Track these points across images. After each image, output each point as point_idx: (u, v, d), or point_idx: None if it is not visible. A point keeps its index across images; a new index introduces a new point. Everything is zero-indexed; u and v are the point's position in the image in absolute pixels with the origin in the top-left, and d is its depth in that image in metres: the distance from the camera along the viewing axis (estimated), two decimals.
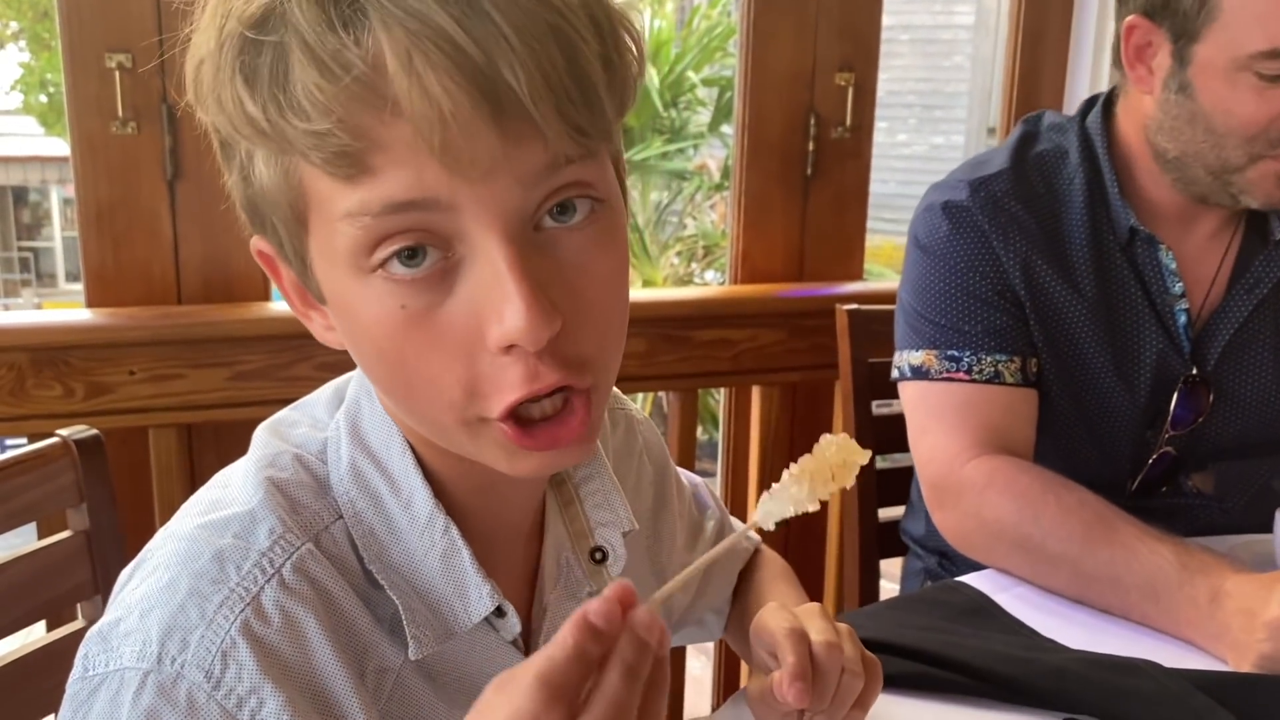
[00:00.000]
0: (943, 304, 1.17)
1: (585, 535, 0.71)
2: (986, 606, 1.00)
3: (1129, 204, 1.16)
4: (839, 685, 0.68)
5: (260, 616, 0.55)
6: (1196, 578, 0.94)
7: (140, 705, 0.53)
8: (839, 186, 1.85)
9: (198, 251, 1.56)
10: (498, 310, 0.51)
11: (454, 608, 0.61)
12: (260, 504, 0.59)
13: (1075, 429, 1.18)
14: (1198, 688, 0.83)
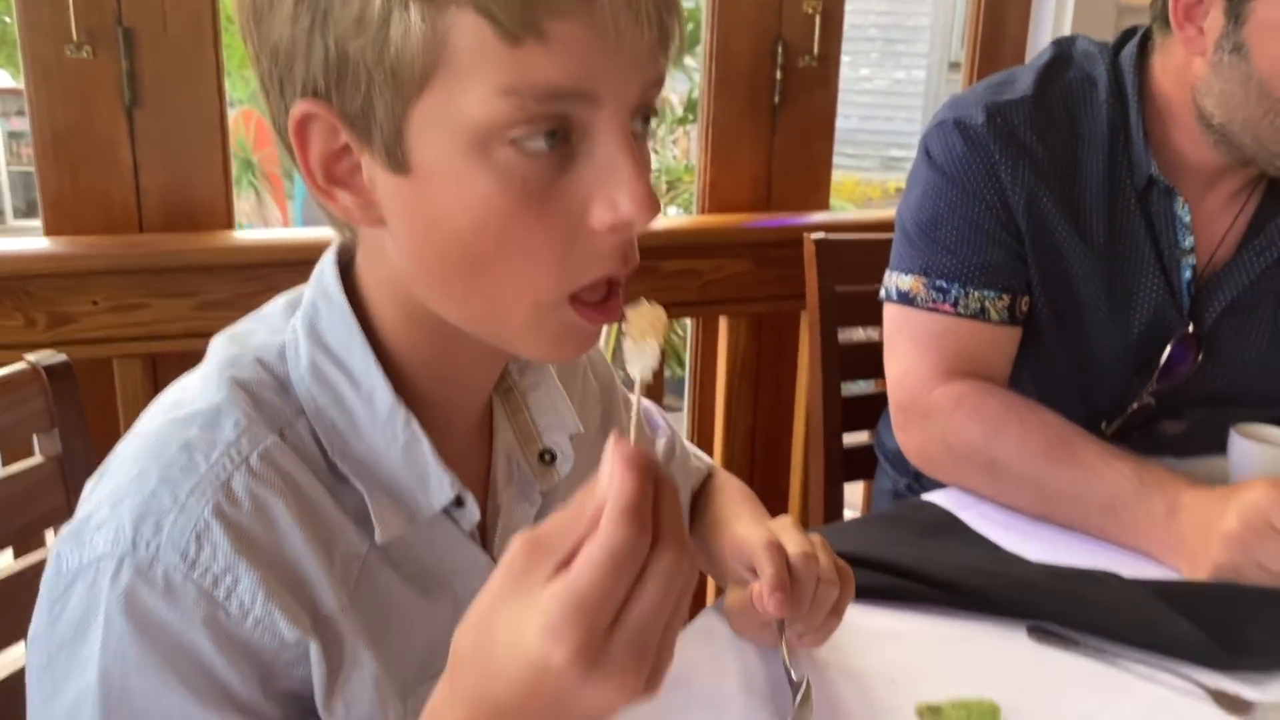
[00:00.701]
0: (941, 228, 1.16)
1: (533, 440, 0.74)
2: (951, 523, 1.03)
3: (1152, 152, 1.13)
4: (815, 594, 0.70)
5: (231, 500, 0.56)
6: (1154, 493, 0.97)
7: (118, 587, 0.54)
8: (806, 116, 1.85)
9: (159, 179, 1.53)
10: (612, 195, 0.55)
11: (416, 497, 0.63)
12: (225, 400, 0.60)
13: (1060, 370, 1.19)
14: (1155, 596, 0.87)
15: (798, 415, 1.87)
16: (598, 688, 0.44)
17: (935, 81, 8.45)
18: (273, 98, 0.59)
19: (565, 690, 0.44)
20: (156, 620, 0.54)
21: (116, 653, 0.54)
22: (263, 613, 0.55)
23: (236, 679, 0.55)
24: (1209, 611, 0.84)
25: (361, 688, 0.59)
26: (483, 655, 0.47)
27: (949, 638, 0.85)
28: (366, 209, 0.59)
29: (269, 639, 0.56)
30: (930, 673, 0.79)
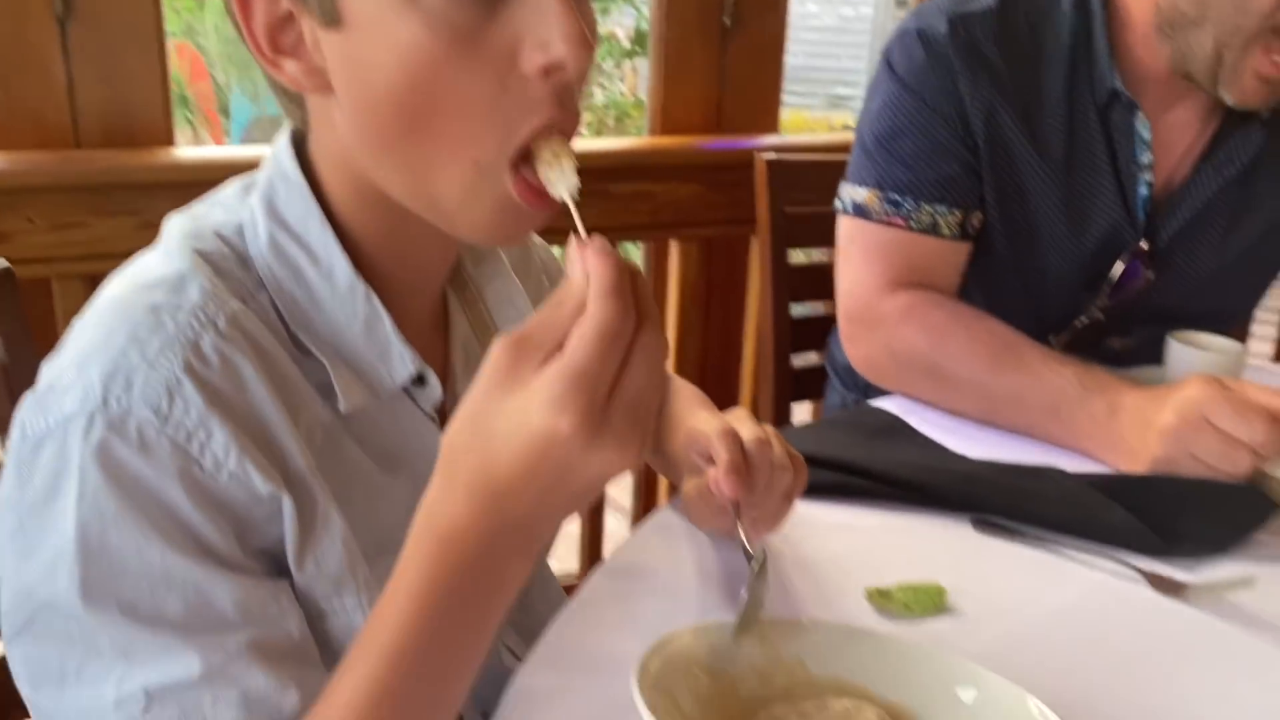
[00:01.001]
0: (897, 140, 1.16)
1: (489, 332, 0.74)
2: (898, 426, 1.05)
3: (1116, 65, 1.14)
4: (770, 478, 0.71)
5: (200, 359, 0.56)
6: (1095, 395, 0.99)
7: (91, 442, 0.53)
8: (757, 39, 1.84)
9: (95, 95, 1.49)
10: (542, 35, 0.54)
11: (378, 371, 0.64)
12: (188, 268, 0.59)
13: (1012, 284, 1.21)
14: (1093, 488, 0.90)
15: (748, 337, 1.89)
16: (600, 454, 0.47)
17: (883, 18, 8.42)
18: None
19: (570, 459, 0.47)
20: (131, 473, 0.54)
21: (93, 506, 0.53)
22: (236, 467, 0.56)
23: (214, 533, 0.55)
24: (1145, 501, 0.87)
25: (331, 547, 0.60)
26: (480, 444, 0.49)
27: (897, 529, 0.87)
28: (311, 75, 0.59)
29: (243, 494, 0.56)
30: (879, 560, 0.81)
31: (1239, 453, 0.89)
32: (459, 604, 0.51)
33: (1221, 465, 0.90)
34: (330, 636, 0.60)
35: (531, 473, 0.47)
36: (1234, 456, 0.89)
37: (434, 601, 0.51)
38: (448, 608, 0.51)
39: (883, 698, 0.60)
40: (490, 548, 0.50)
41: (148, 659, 0.53)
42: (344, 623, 0.60)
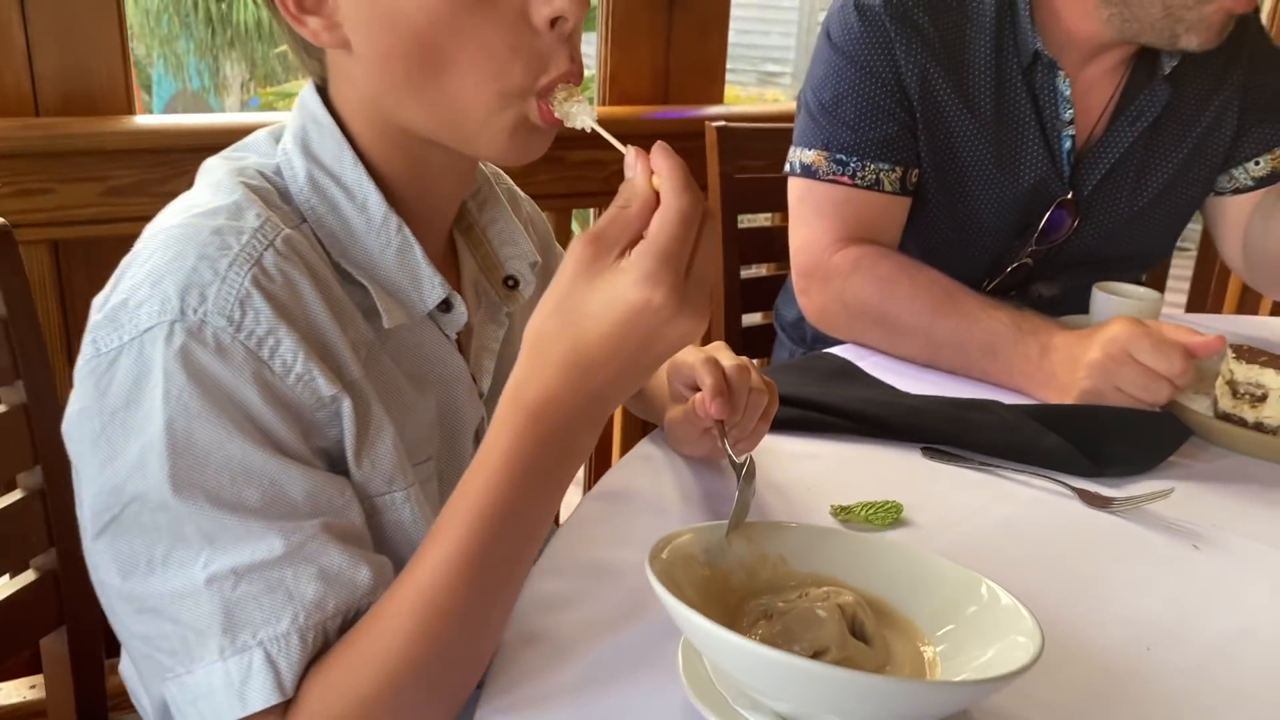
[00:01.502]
0: (840, 104, 1.24)
1: (496, 267, 0.81)
2: (850, 370, 1.13)
3: (1037, 29, 1.22)
4: (749, 400, 0.79)
5: (265, 274, 0.62)
6: (1028, 337, 1.09)
7: (173, 347, 0.59)
8: (702, 13, 1.91)
9: (54, 63, 1.50)
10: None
11: (411, 296, 0.70)
12: (242, 197, 0.65)
13: (946, 234, 1.30)
14: (1029, 416, 0.99)
15: None
16: (683, 320, 0.55)
17: None
18: None
19: (659, 325, 0.55)
20: (211, 375, 0.59)
21: (179, 404, 0.58)
22: (303, 369, 0.61)
23: (284, 430, 0.61)
24: (1076, 428, 0.97)
25: (384, 448, 0.66)
26: (570, 325, 0.56)
27: (855, 457, 0.96)
28: (332, 30, 0.65)
29: (308, 395, 0.62)
30: (841, 483, 0.89)
31: (1159, 384, 0.99)
32: (542, 470, 0.58)
33: (1143, 396, 1.00)
34: (382, 530, 0.66)
35: (622, 341, 0.55)
36: (1154, 387, 0.99)
37: (522, 469, 0.58)
38: (533, 474, 0.58)
39: (854, 586, 0.68)
40: (573, 419, 0.58)
41: (232, 542, 0.59)
42: (393, 518, 0.66)
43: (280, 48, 7.79)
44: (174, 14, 7.77)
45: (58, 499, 0.98)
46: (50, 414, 0.98)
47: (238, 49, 8.00)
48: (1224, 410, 1.03)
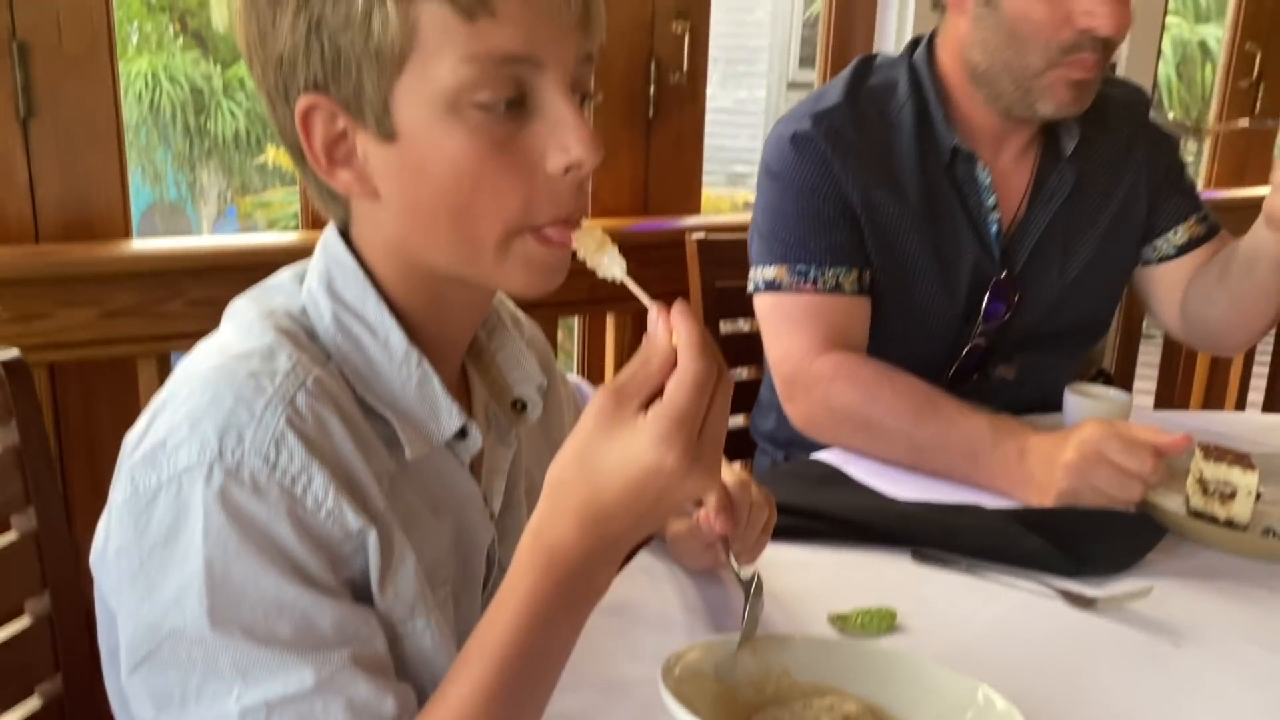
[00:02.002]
0: (790, 224, 1.33)
1: (505, 391, 0.85)
2: (838, 476, 1.17)
3: (953, 127, 1.34)
4: (750, 514, 0.83)
5: (298, 414, 0.65)
6: (1006, 440, 1.14)
7: (213, 487, 0.62)
8: (678, 128, 1.99)
9: (55, 190, 1.55)
10: (563, 141, 0.67)
11: (430, 427, 0.74)
12: (274, 340, 0.69)
13: (903, 326, 1.37)
14: (1011, 520, 1.03)
15: None
16: (694, 479, 0.58)
17: (775, 100, 8.83)
18: (279, 107, 0.70)
19: (672, 486, 0.58)
20: (248, 513, 0.62)
21: (218, 542, 0.61)
22: (333, 505, 0.64)
23: (315, 563, 0.64)
24: (1056, 530, 1.01)
25: (406, 577, 0.68)
26: (587, 476, 0.59)
27: (849, 564, 0.99)
28: (363, 182, 0.70)
29: (337, 529, 0.65)
30: (836, 590, 0.93)
31: (1131, 482, 1.04)
32: (561, 610, 0.61)
33: (1118, 494, 1.05)
34: (405, 657, 0.69)
35: (635, 499, 0.58)
36: (1128, 485, 1.04)
37: (542, 609, 0.61)
38: (552, 614, 0.61)
39: (857, 695, 0.71)
40: (589, 563, 0.61)
41: (264, 675, 0.61)
42: (414, 645, 0.69)
43: (259, 159, 7.92)
44: (153, 126, 7.91)
45: (65, 627, 1.00)
46: (60, 541, 1.01)
47: (215, 159, 8.13)
48: (1196, 508, 1.07)
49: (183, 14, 9.29)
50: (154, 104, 7.91)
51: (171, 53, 8.60)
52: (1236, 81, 2.69)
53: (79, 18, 1.52)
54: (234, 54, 9.01)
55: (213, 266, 1.59)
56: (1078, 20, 1.23)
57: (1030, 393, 1.41)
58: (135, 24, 8.45)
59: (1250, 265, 1.31)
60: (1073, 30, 1.24)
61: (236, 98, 8.14)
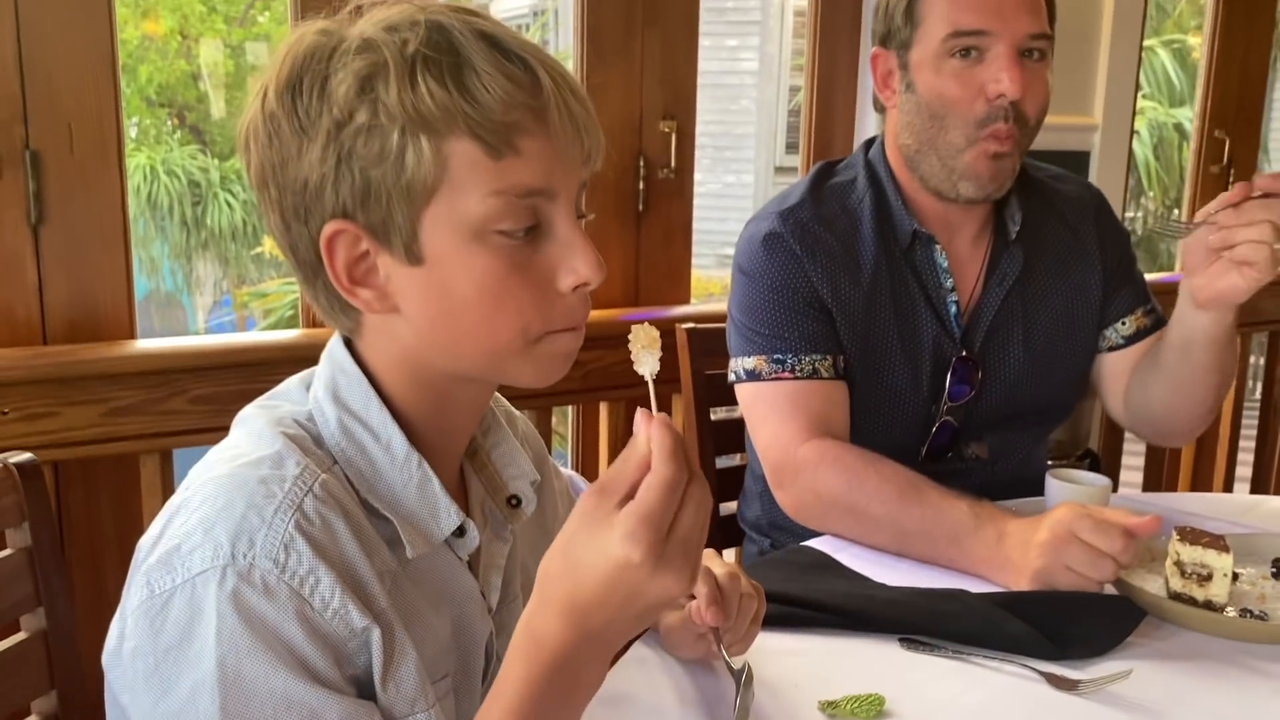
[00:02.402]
0: (765, 317, 1.38)
1: (500, 488, 0.89)
2: (826, 562, 1.20)
3: (910, 212, 1.41)
4: (740, 605, 0.86)
5: (306, 519, 0.69)
6: (986, 524, 1.17)
7: (225, 590, 0.65)
8: (666, 221, 2.06)
9: (63, 293, 1.60)
10: (572, 264, 0.74)
11: (430, 526, 0.78)
12: (283, 447, 0.73)
13: (876, 407, 1.41)
14: (995, 605, 1.06)
15: None
16: (662, 578, 0.61)
17: (762, 184, 9.00)
18: (294, 227, 0.75)
19: (640, 582, 0.61)
20: (259, 614, 0.65)
21: (230, 643, 0.64)
22: (339, 604, 0.68)
23: (321, 661, 0.67)
24: (1039, 614, 1.03)
25: (408, 672, 0.71)
26: (570, 569, 0.62)
27: (838, 650, 1.02)
28: (384, 300, 0.75)
29: (343, 628, 0.68)
30: (826, 677, 0.95)
31: (1103, 561, 1.07)
32: (553, 700, 0.64)
33: (1090, 573, 1.08)
34: None
35: (610, 593, 0.61)
36: (1099, 564, 1.07)
37: (534, 696, 0.64)
38: (545, 702, 0.64)
39: None
40: (575, 654, 0.64)
41: None
42: None
43: (255, 249, 8.02)
44: (150, 219, 8.02)
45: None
46: (68, 641, 1.03)
47: (212, 250, 8.23)
48: (1175, 590, 1.10)
49: (181, 109, 9.49)
50: (151, 197, 8.03)
51: (169, 146, 8.76)
52: (1208, 167, 2.79)
53: (90, 126, 1.58)
54: (231, 148, 9.18)
55: (214, 365, 1.63)
56: (988, 90, 1.31)
57: (1004, 471, 1.45)
58: (134, 120, 8.62)
59: (1185, 350, 1.35)
60: (985, 101, 1.32)
61: (233, 189, 8.27)
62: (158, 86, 9.02)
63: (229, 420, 1.64)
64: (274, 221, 0.76)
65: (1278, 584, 1.15)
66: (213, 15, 9.34)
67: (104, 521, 1.65)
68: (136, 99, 8.61)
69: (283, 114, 0.72)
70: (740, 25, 8.68)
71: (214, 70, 9.38)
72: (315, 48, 0.72)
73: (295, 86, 0.72)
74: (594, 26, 1.95)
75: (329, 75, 0.71)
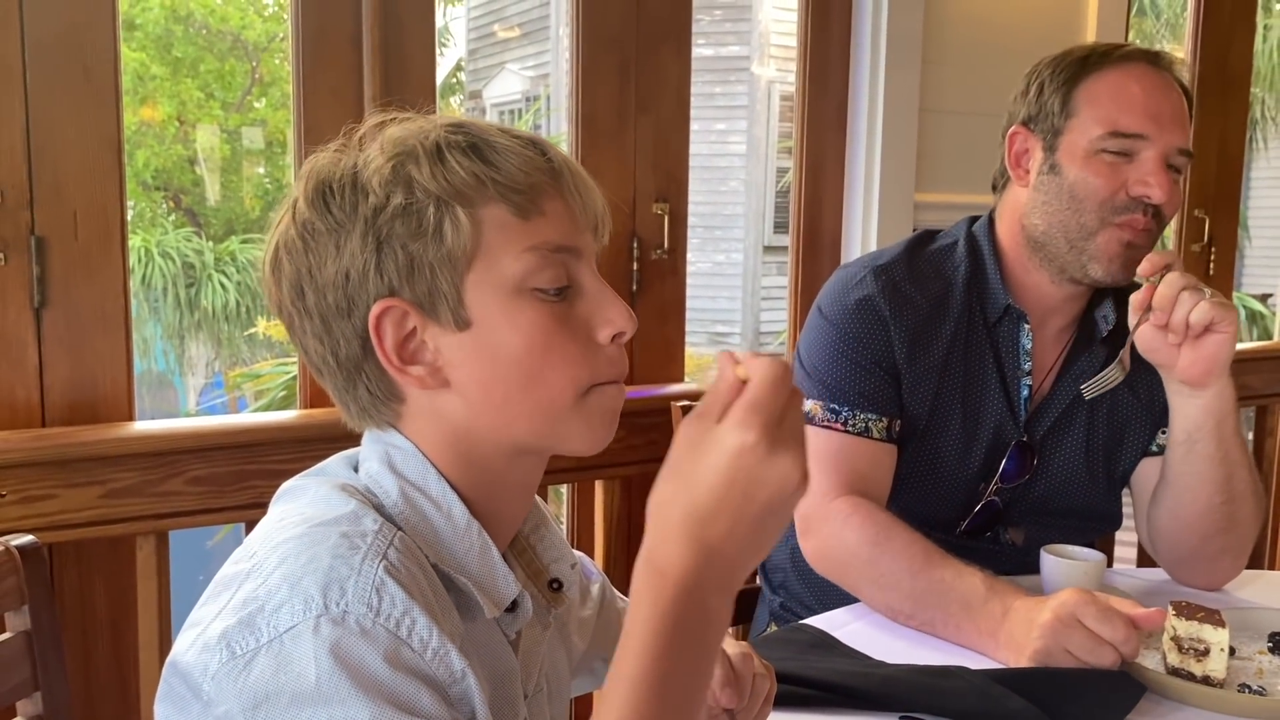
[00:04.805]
0: (832, 366, 1.41)
1: (541, 572, 0.89)
2: (827, 640, 1.20)
3: (1007, 288, 1.43)
4: (754, 686, 0.86)
5: (392, 566, 0.69)
6: (995, 598, 1.18)
7: (321, 639, 0.65)
8: (660, 301, 2.09)
9: (64, 375, 1.61)
10: (607, 315, 0.78)
11: (494, 592, 0.78)
12: (357, 506, 0.74)
13: (925, 475, 1.43)
14: (994, 681, 1.06)
15: None
16: (779, 461, 0.62)
17: (752, 263, 9.11)
18: (335, 326, 0.77)
19: (755, 466, 0.62)
20: (355, 658, 0.65)
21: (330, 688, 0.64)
22: (438, 645, 0.68)
23: (427, 700, 0.66)
24: (1039, 691, 1.04)
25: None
26: (683, 487, 0.63)
27: None
28: (435, 374, 0.76)
29: (444, 670, 0.68)
30: None
31: (1104, 649, 1.07)
32: (683, 633, 0.62)
33: (1089, 659, 1.08)
34: None
35: (728, 487, 0.62)
36: (1100, 651, 1.07)
37: (665, 629, 0.62)
38: (674, 636, 0.62)
39: None
40: (701, 580, 0.62)
41: None
42: None
43: (248, 330, 8.06)
44: (144, 299, 8.08)
45: None
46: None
47: (205, 331, 8.27)
48: (1173, 665, 1.10)
49: (176, 192, 9.61)
50: (146, 278, 8.10)
51: (164, 228, 8.86)
52: (1189, 246, 2.84)
53: (94, 213, 1.61)
54: (226, 229, 9.29)
55: (213, 446, 1.63)
56: (1133, 188, 1.35)
57: (1034, 561, 1.44)
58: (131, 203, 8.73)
59: (1189, 444, 1.33)
60: (1127, 195, 1.35)
61: (227, 271, 8.35)
62: (154, 170, 9.15)
63: (227, 501, 1.65)
64: (312, 329, 0.78)
65: (1275, 659, 1.16)
66: (210, 101, 9.52)
67: (98, 605, 1.64)
68: (133, 183, 8.73)
69: (316, 216, 0.76)
70: (728, 110, 8.87)
71: (210, 155, 9.53)
72: (337, 161, 0.78)
73: (325, 191, 0.76)
74: (588, 113, 2.00)
75: (358, 173, 0.76)
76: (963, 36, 2.32)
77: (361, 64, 1.78)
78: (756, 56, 8.88)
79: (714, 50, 8.83)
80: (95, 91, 1.60)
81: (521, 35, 10.39)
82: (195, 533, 1.81)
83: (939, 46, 2.30)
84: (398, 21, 1.80)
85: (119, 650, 1.66)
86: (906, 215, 2.30)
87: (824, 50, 2.29)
